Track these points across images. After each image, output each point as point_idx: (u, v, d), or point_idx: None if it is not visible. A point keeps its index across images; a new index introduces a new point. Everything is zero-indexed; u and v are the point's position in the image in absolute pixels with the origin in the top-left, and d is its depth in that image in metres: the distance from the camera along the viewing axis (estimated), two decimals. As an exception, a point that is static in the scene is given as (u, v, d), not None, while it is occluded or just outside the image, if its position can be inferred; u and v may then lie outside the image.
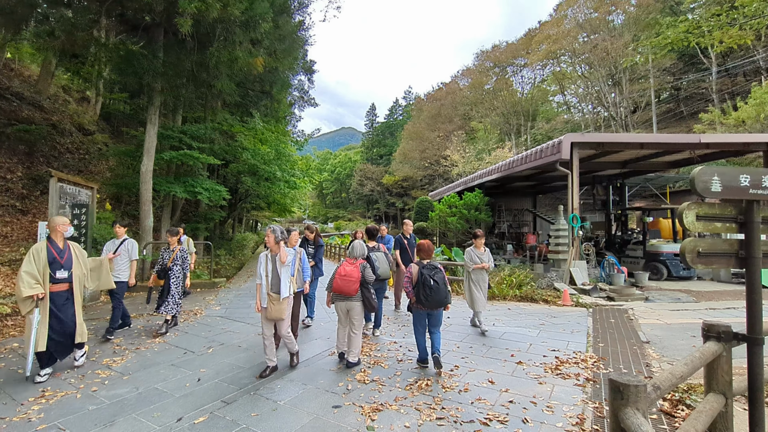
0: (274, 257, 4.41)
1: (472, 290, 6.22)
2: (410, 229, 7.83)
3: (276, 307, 4.26)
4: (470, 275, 6.25)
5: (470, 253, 6.32)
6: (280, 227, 4.51)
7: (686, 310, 7.86)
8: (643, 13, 31.54)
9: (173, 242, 6.27)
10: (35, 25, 9.99)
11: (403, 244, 7.65)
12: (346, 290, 4.56)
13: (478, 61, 49.97)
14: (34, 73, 16.96)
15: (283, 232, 4.50)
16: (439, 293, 4.36)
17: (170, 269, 6.09)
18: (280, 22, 12.98)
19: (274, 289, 4.30)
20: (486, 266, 6.17)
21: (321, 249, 6.85)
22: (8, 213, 9.98)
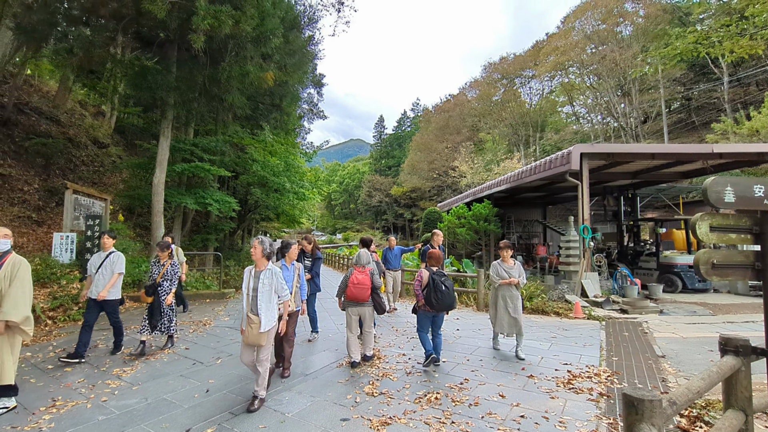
0: (259, 274, 3.82)
1: (498, 308, 5.57)
2: (440, 240, 7.38)
3: (254, 332, 3.67)
4: (497, 292, 5.59)
5: (496, 267, 5.63)
6: (269, 239, 3.98)
7: (703, 324, 7.66)
8: (651, 24, 31.52)
9: (163, 256, 5.84)
10: (54, 43, 10.35)
11: None
12: (360, 297, 4.99)
13: (486, 73, 50.25)
14: (52, 89, 17.51)
15: (272, 244, 3.95)
16: (449, 297, 4.81)
17: (160, 285, 5.67)
18: (290, 38, 13.27)
19: (254, 311, 3.75)
20: (514, 281, 5.46)
21: (319, 262, 6.37)
22: (24, 224, 10.21)
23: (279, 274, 3.87)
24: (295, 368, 4.95)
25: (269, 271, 3.84)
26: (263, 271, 3.80)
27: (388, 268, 8.55)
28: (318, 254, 6.41)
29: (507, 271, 5.54)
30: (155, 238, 10.47)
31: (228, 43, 9.84)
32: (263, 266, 3.85)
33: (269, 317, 3.77)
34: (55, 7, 9.13)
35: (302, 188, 18.33)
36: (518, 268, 5.57)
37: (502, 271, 5.56)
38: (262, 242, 3.84)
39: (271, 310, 3.79)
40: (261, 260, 3.84)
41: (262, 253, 3.82)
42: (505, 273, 5.52)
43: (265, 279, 3.78)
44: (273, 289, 3.82)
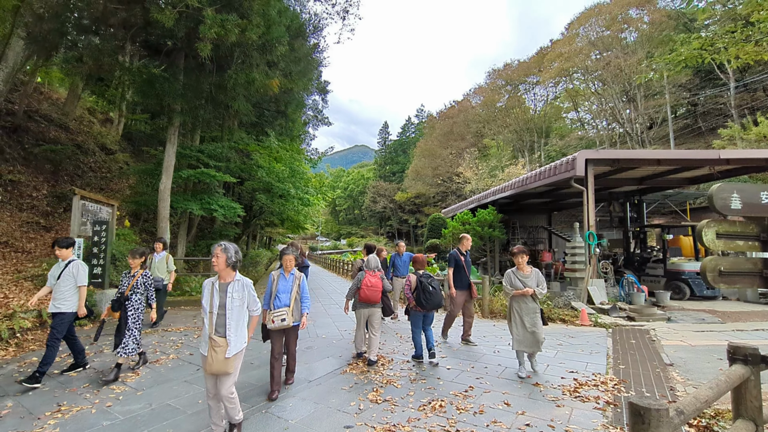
0: (225, 287, 3.19)
1: (514, 323, 4.89)
2: (468, 244, 6.63)
3: (219, 357, 3.00)
4: (512, 305, 4.95)
5: (510, 276, 4.96)
6: (235, 246, 3.30)
7: (711, 332, 7.55)
8: (656, 31, 31.50)
9: (135, 265, 5.10)
10: (64, 52, 10.52)
11: (459, 262, 6.40)
12: (373, 298, 5.32)
13: (490, 80, 50.39)
14: (61, 96, 17.78)
15: (238, 252, 3.28)
16: (437, 297, 5.34)
17: (128, 299, 4.95)
18: (295, 45, 13.40)
19: (219, 332, 3.08)
20: (528, 291, 4.78)
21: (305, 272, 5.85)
22: (32, 229, 10.32)
23: (250, 285, 3.30)
24: (299, 374, 4.94)
25: (238, 283, 3.24)
26: (231, 284, 3.20)
27: (396, 275, 8.24)
28: (305, 262, 6.02)
29: (522, 280, 4.88)
30: (161, 243, 10.53)
31: (234, 51, 9.96)
32: (230, 278, 3.23)
33: (239, 338, 3.17)
34: (65, 17, 9.29)
35: (307, 194, 18.42)
36: (536, 276, 4.91)
37: (516, 280, 4.91)
38: (226, 249, 3.20)
39: (241, 329, 3.21)
40: (226, 271, 3.20)
41: (227, 263, 3.18)
42: (520, 282, 4.87)
43: (234, 293, 3.18)
44: (245, 304, 3.24)
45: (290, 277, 4.42)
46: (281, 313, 4.20)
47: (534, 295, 4.84)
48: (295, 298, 4.34)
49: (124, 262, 9.54)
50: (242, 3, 9.19)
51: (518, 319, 4.87)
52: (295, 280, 4.40)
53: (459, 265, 6.36)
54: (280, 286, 4.35)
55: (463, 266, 6.35)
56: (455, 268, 6.37)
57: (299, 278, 4.44)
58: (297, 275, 4.44)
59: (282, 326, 4.19)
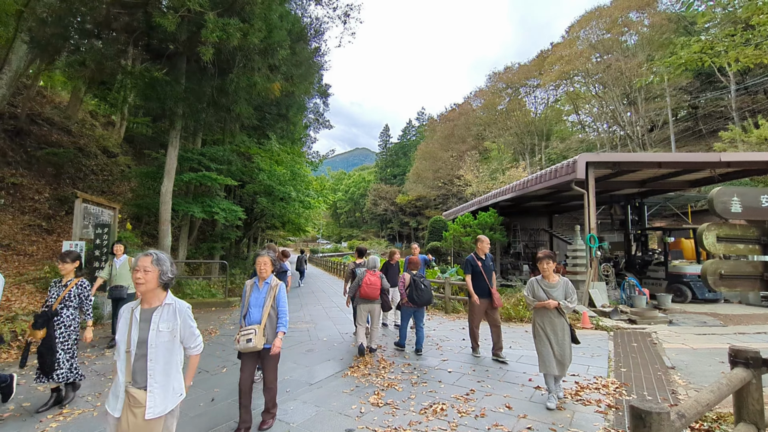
0: (149, 315, 2.23)
1: (539, 341, 4.21)
2: (487, 248, 5.96)
3: (138, 421, 2.10)
4: (536, 319, 4.29)
5: (533, 286, 4.30)
6: (169, 257, 2.36)
7: (713, 335, 7.53)
8: (656, 34, 31.56)
9: (67, 272, 4.07)
10: (67, 56, 10.58)
11: (476, 268, 5.83)
12: (373, 295, 5.71)
13: (491, 83, 50.50)
14: (64, 100, 17.87)
15: (173, 265, 2.34)
16: (427, 293, 5.87)
17: (57, 315, 3.97)
18: (296, 49, 13.46)
19: (137, 381, 2.14)
20: (551, 305, 4.07)
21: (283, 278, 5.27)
22: (35, 232, 10.35)
23: (186, 310, 2.34)
24: (300, 377, 4.94)
25: (168, 308, 2.27)
26: (158, 310, 2.23)
27: None
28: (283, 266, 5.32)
29: (547, 290, 4.17)
30: (162, 246, 10.56)
31: (236, 55, 10.01)
32: (157, 301, 2.26)
33: (169, 390, 2.22)
34: (68, 21, 9.36)
35: (308, 197, 18.44)
36: (563, 286, 4.18)
37: (539, 290, 4.21)
38: (160, 261, 2.23)
39: (172, 376, 2.24)
40: (154, 292, 2.24)
41: (158, 281, 2.23)
42: (543, 293, 4.18)
43: (161, 323, 2.21)
44: (177, 338, 2.27)
45: (264, 286, 3.62)
46: (248, 331, 3.41)
47: (560, 309, 4.11)
48: (269, 313, 3.52)
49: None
50: (244, 7, 9.25)
51: (543, 335, 4.17)
52: (270, 290, 3.60)
53: (476, 271, 5.81)
54: (252, 298, 3.60)
55: (481, 272, 5.78)
56: (472, 274, 5.87)
57: (275, 288, 3.63)
58: (273, 284, 3.65)
59: (249, 348, 3.39)
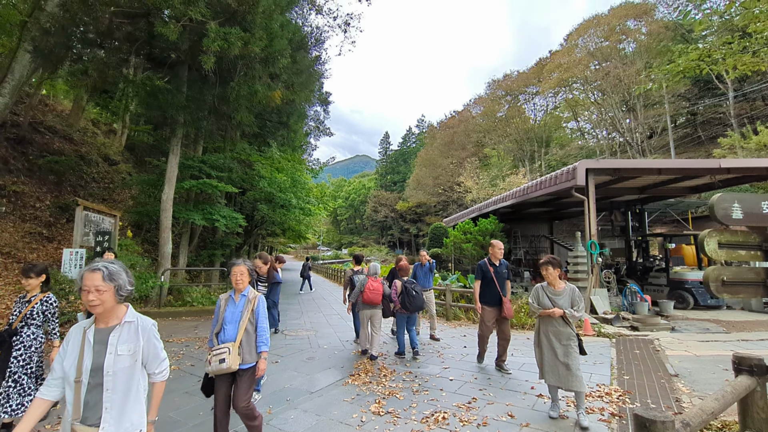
0: (105, 335, 1.89)
1: (542, 350, 4.02)
2: (500, 253, 5.60)
3: None
4: (539, 327, 4.11)
5: (537, 293, 4.12)
6: (123, 266, 2.01)
7: (716, 341, 7.48)
8: (654, 41, 31.84)
9: (31, 287, 3.59)
10: (70, 64, 10.66)
11: (487, 274, 5.52)
12: (375, 301, 5.94)
13: (490, 90, 50.82)
14: (66, 108, 17.98)
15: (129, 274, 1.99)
16: (418, 300, 6.00)
17: (17, 334, 3.49)
18: (297, 58, 13.57)
19: (89, 418, 1.80)
20: (555, 313, 3.88)
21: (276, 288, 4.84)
22: (35, 240, 10.35)
23: (151, 327, 2.02)
24: (300, 386, 4.91)
25: (129, 326, 1.94)
26: (116, 329, 1.89)
27: None
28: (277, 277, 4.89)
29: (551, 297, 4.00)
30: (163, 254, 10.56)
31: (237, 64, 10.08)
32: (115, 319, 1.92)
33: (126, 425, 1.86)
34: (71, 31, 9.45)
35: (308, 204, 18.49)
36: (569, 293, 3.99)
37: (544, 297, 4.04)
38: (112, 275, 1.87)
39: (132, 408, 1.89)
40: (111, 310, 1.90)
41: (116, 297, 1.89)
42: (548, 300, 4.00)
43: (120, 345, 1.87)
44: (139, 362, 1.93)
45: (241, 299, 3.24)
46: (221, 350, 3.01)
47: (565, 318, 3.90)
48: (245, 329, 3.13)
49: (126, 272, 9.55)
50: (245, 17, 9.34)
51: (546, 344, 3.99)
52: (247, 304, 3.21)
53: (487, 278, 5.49)
54: (227, 314, 3.19)
55: (493, 279, 5.45)
56: (482, 281, 5.56)
57: (253, 301, 3.23)
58: (251, 297, 3.25)
59: (222, 370, 2.97)
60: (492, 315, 5.51)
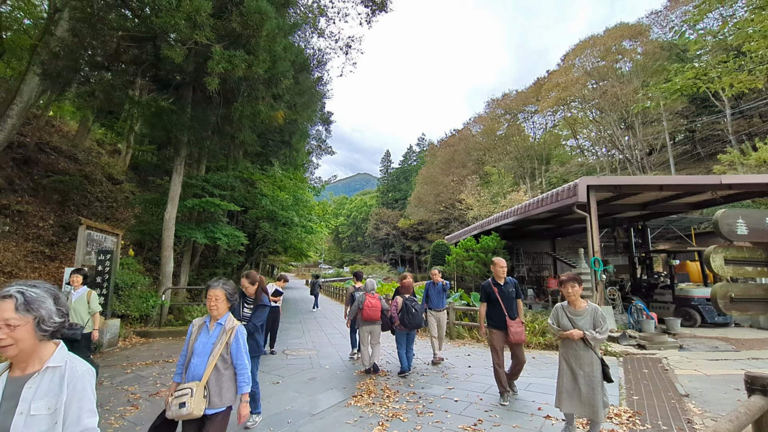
0: (17, 387, 1.40)
1: (562, 375, 3.71)
2: (502, 271, 5.20)
3: None
4: (560, 349, 3.82)
5: (557, 312, 3.81)
6: (46, 290, 1.49)
7: (726, 360, 7.34)
8: (650, 61, 32.40)
9: None
10: (77, 87, 10.90)
11: (491, 294, 5.17)
12: (374, 316, 6.13)
13: (489, 109, 51.51)
14: (72, 129, 18.27)
15: (60, 301, 1.51)
16: (417, 317, 6.08)
17: None
18: (300, 79, 13.84)
19: None
20: (575, 335, 3.56)
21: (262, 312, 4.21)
22: (37, 259, 10.35)
23: (83, 378, 1.50)
24: (302, 407, 4.80)
25: (53, 373, 1.46)
26: (33, 378, 1.43)
27: (430, 307, 7.25)
28: (264, 300, 4.25)
29: (572, 318, 3.67)
30: (164, 272, 10.52)
31: (241, 85, 10.28)
32: (37, 363, 1.46)
33: None
34: (79, 54, 9.69)
35: (310, 222, 18.53)
36: (591, 314, 3.65)
37: (563, 317, 3.71)
38: (29, 304, 1.41)
39: None
40: (32, 350, 1.44)
41: (37, 333, 1.43)
42: (568, 320, 3.67)
43: (36, 400, 1.39)
44: (59, 422, 1.40)
45: (216, 329, 2.68)
46: (183, 392, 2.47)
47: (586, 341, 3.57)
48: (215, 366, 2.57)
49: (127, 291, 9.52)
50: (249, 40, 9.57)
51: (566, 368, 3.68)
52: (222, 335, 2.64)
53: (492, 299, 5.14)
54: (198, 344, 2.64)
55: (498, 300, 5.06)
56: (488, 302, 5.22)
57: (230, 333, 2.66)
58: (228, 327, 2.68)
59: (182, 416, 2.45)
60: (500, 339, 5.12)
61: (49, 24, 11.22)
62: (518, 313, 5.14)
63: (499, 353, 5.07)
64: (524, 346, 8.38)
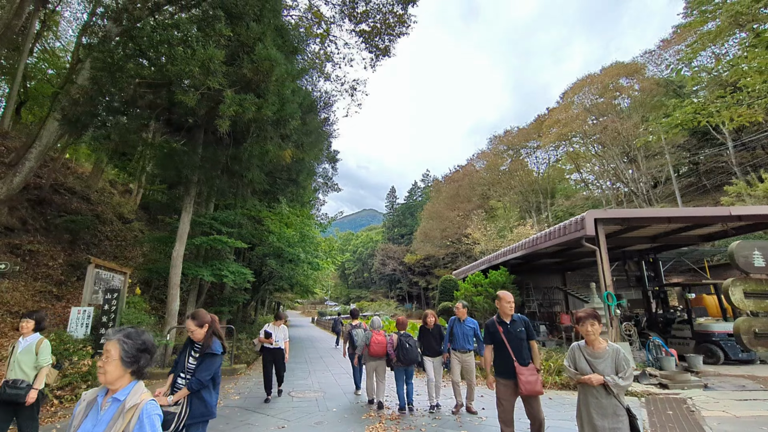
0: None
1: (582, 422, 3.33)
2: (508, 307, 4.42)
3: None
4: (579, 394, 3.40)
5: (573, 353, 3.42)
6: None
7: (755, 400, 6.92)
8: (647, 97, 33.20)
9: None
10: (94, 130, 11.34)
11: (496, 336, 4.39)
12: (381, 353, 6.40)
13: (492, 145, 52.54)
14: (86, 170, 18.83)
15: None
16: (412, 353, 6.11)
17: None
18: (307, 120, 14.32)
19: None
20: (595, 380, 3.15)
21: (212, 362, 3.31)
22: (44, 299, 10.33)
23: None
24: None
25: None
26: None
27: (455, 348, 6.37)
28: (215, 347, 3.31)
29: (590, 360, 3.27)
30: (170, 311, 10.41)
31: (250, 126, 10.63)
32: None
33: None
34: (98, 100, 10.17)
35: (316, 258, 18.48)
36: (612, 356, 3.23)
37: (581, 359, 3.31)
38: None
39: None
40: None
41: None
42: (586, 363, 3.27)
43: None
44: None
45: (111, 407, 1.75)
46: None
47: (607, 387, 3.14)
48: None
49: (132, 331, 9.37)
50: (259, 84, 10.01)
51: (586, 418, 3.25)
52: (119, 417, 1.70)
53: (497, 341, 4.37)
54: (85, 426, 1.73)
55: (504, 342, 4.28)
56: (493, 344, 4.46)
57: (131, 415, 1.70)
58: (129, 405, 1.73)
59: None
60: (508, 391, 4.21)
61: (71, 73, 11.89)
62: (532, 357, 4.28)
63: (507, 409, 4.20)
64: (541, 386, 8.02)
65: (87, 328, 8.37)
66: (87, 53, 10.87)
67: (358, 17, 17.04)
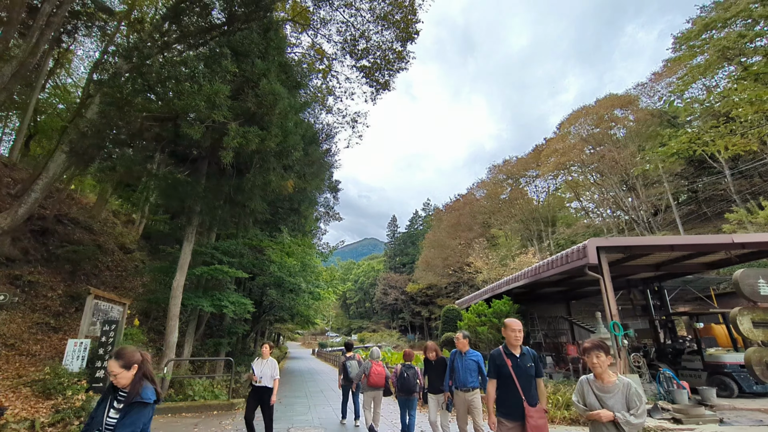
0: None
1: None
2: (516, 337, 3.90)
3: None
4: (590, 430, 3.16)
5: (582, 388, 3.23)
6: None
7: (773, 437, 6.65)
8: (642, 127, 33.88)
9: None
10: (100, 162, 11.56)
11: (503, 368, 3.86)
12: (380, 383, 6.71)
13: (492, 174, 53.12)
14: (90, 201, 19.02)
15: None
16: (409, 382, 6.12)
17: None
18: (309, 151, 14.60)
19: None
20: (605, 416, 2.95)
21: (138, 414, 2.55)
22: (41, 330, 10.16)
23: None
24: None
25: None
26: None
27: (457, 386, 5.48)
28: (144, 394, 2.61)
29: (600, 395, 3.08)
30: (168, 343, 10.23)
31: (253, 157, 10.83)
32: None
33: None
34: (105, 133, 10.43)
35: (318, 288, 18.33)
36: (623, 391, 3.03)
37: (590, 394, 3.13)
38: None
39: None
40: None
41: None
42: (595, 398, 3.08)
43: None
44: None
45: None
46: None
47: (618, 424, 2.94)
48: None
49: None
50: (263, 117, 10.29)
51: None
52: None
53: (504, 375, 3.84)
54: None
55: (512, 376, 3.76)
56: (498, 379, 3.90)
57: None
58: None
59: None
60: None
61: (81, 107, 12.25)
62: (539, 397, 3.79)
63: None
64: (549, 421, 7.79)
65: (83, 362, 8.18)
66: (97, 88, 11.25)
67: (359, 54, 17.71)
